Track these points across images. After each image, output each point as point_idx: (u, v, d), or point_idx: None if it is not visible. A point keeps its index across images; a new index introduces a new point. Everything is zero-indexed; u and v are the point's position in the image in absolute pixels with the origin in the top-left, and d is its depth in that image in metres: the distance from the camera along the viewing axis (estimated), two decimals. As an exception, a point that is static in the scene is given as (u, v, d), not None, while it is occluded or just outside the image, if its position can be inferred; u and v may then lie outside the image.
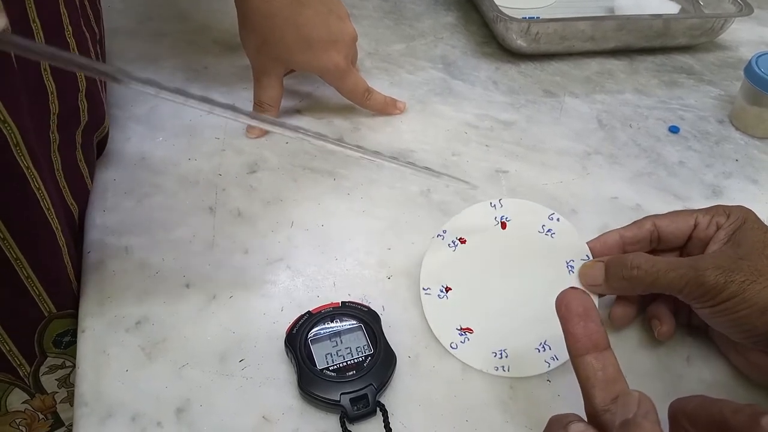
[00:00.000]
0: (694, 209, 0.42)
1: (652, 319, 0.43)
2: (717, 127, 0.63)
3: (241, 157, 0.54)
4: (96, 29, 0.50)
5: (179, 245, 0.47)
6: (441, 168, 0.55)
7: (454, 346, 0.42)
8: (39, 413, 0.50)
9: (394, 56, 0.67)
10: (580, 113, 0.63)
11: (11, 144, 0.34)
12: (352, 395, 0.38)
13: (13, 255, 0.38)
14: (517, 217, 0.45)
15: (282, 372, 0.40)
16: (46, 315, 0.43)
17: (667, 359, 0.43)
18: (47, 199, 0.39)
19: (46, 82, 0.40)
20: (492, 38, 0.71)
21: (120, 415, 0.38)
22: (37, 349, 0.45)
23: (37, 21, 0.38)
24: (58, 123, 0.42)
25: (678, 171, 0.57)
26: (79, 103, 0.45)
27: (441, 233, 0.45)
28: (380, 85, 0.61)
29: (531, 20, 0.66)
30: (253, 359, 0.41)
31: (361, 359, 0.40)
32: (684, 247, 0.43)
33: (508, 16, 0.65)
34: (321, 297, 0.44)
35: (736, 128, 0.63)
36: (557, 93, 0.65)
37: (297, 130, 0.35)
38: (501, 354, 0.42)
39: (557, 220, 0.44)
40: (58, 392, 0.50)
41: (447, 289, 0.44)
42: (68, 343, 0.46)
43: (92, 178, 0.50)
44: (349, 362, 0.40)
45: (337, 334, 0.41)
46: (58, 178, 0.43)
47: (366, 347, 0.41)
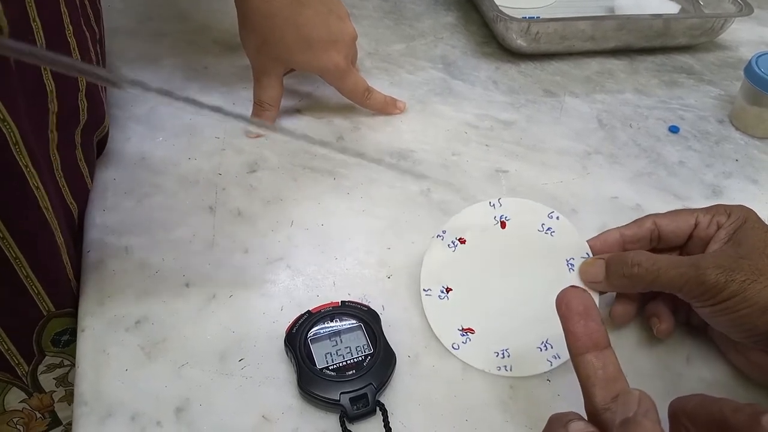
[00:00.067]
0: (695, 208, 0.42)
1: (651, 317, 0.43)
2: (717, 127, 0.63)
3: (241, 157, 0.54)
4: (96, 29, 0.50)
5: (179, 245, 0.47)
6: (441, 168, 0.55)
7: (455, 346, 0.42)
8: (36, 412, 0.50)
9: (394, 56, 0.67)
10: (581, 113, 0.63)
11: (10, 143, 0.34)
12: (352, 395, 0.38)
13: (13, 254, 0.38)
14: (517, 216, 0.45)
15: (282, 371, 0.40)
16: (45, 314, 0.43)
17: (666, 359, 0.43)
18: (46, 198, 0.39)
19: (45, 82, 0.40)
20: (492, 38, 0.71)
21: (119, 414, 0.38)
22: (35, 348, 0.45)
23: (38, 20, 0.38)
24: (57, 122, 0.42)
25: (678, 171, 0.57)
26: (79, 102, 0.45)
27: (440, 233, 0.45)
28: (380, 84, 0.61)
29: (531, 20, 0.66)
30: (252, 358, 0.41)
31: (360, 359, 0.40)
32: (684, 247, 0.43)
33: (508, 16, 0.65)
34: (321, 296, 0.44)
35: (736, 128, 0.63)
36: (557, 93, 0.65)
37: (279, 131, 0.35)
38: (503, 354, 0.42)
39: (557, 218, 0.44)
40: (56, 391, 0.50)
41: (447, 289, 0.44)
42: (66, 341, 0.46)
43: (92, 177, 0.50)
44: (348, 362, 0.40)
45: (337, 333, 0.41)
46: (58, 178, 0.43)
47: (366, 347, 0.40)
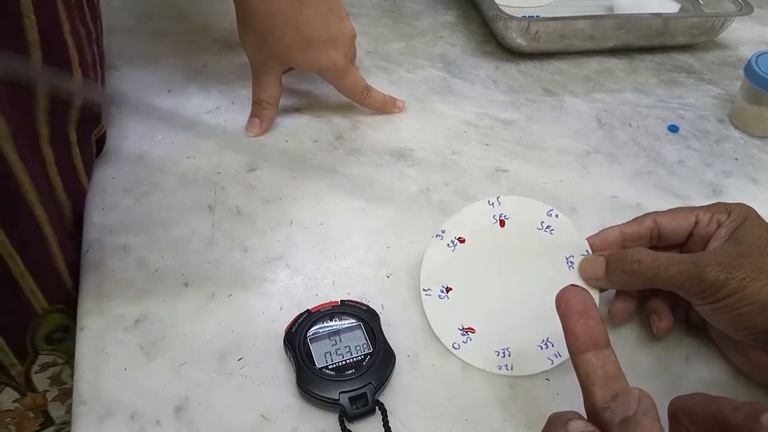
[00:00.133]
0: (695, 206, 0.42)
1: (650, 314, 0.43)
2: (717, 126, 0.63)
3: (241, 156, 0.54)
4: (93, 27, 0.50)
5: (178, 244, 0.47)
6: (440, 167, 0.55)
7: (456, 346, 0.42)
8: (29, 412, 0.50)
9: (394, 55, 0.67)
10: (580, 112, 0.63)
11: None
12: (351, 394, 0.38)
13: (7, 251, 0.38)
14: (516, 215, 0.45)
15: (281, 371, 0.40)
16: (39, 312, 0.43)
17: (666, 358, 0.43)
18: (33, 193, 0.38)
19: None
20: (492, 37, 0.71)
21: (119, 413, 0.38)
22: (29, 347, 0.45)
23: (33, 17, 0.37)
24: (48, 118, 0.42)
25: (677, 170, 0.57)
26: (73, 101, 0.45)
27: (440, 233, 0.45)
28: (379, 83, 0.61)
29: (531, 19, 0.66)
30: (252, 358, 0.41)
31: (360, 358, 0.40)
32: (684, 245, 0.43)
33: (507, 15, 0.65)
34: (320, 296, 0.44)
35: (736, 127, 0.63)
36: (557, 92, 0.65)
37: None
38: (503, 353, 0.41)
39: (556, 216, 0.44)
40: (49, 390, 0.49)
41: (447, 289, 0.44)
42: (60, 339, 0.46)
43: (90, 175, 0.50)
44: (348, 361, 0.40)
45: (336, 332, 0.41)
46: (51, 174, 0.43)
47: (365, 346, 0.40)
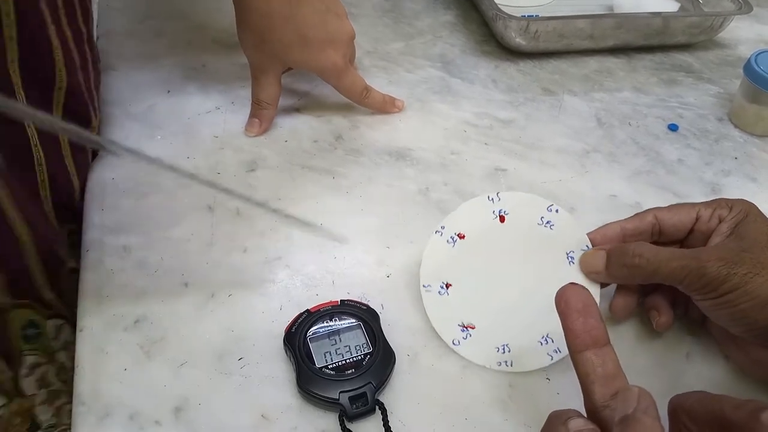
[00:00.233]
0: (696, 202, 0.42)
1: (650, 310, 0.43)
2: (716, 125, 0.63)
3: (240, 156, 0.54)
4: (84, 29, 0.50)
5: (178, 244, 0.47)
6: (440, 167, 0.55)
7: (456, 342, 0.42)
8: (16, 417, 0.49)
9: (393, 55, 0.67)
10: (579, 111, 0.63)
11: None
12: (351, 394, 0.38)
13: None
14: (516, 210, 0.45)
15: (281, 370, 0.40)
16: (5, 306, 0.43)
17: (666, 356, 0.43)
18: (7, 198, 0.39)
19: (11, 75, 0.40)
20: (491, 36, 0.71)
21: (118, 413, 0.38)
22: (10, 347, 0.45)
23: (12, 16, 0.37)
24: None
25: (677, 169, 0.57)
26: (54, 99, 0.45)
27: (439, 229, 0.45)
28: (379, 83, 0.61)
29: (530, 18, 0.66)
30: (251, 358, 0.41)
31: (360, 358, 0.40)
32: (685, 240, 0.42)
33: (507, 15, 0.65)
34: (320, 295, 0.44)
35: (735, 126, 0.63)
36: (556, 91, 0.65)
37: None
38: (503, 349, 0.41)
39: (556, 211, 0.44)
40: (37, 394, 0.49)
41: (447, 285, 0.44)
42: (35, 336, 0.46)
43: (81, 176, 0.50)
44: (348, 361, 0.40)
45: (336, 332, 0.41)
46: (39, 173, 0.44)
47: (365, 345, 0.40)
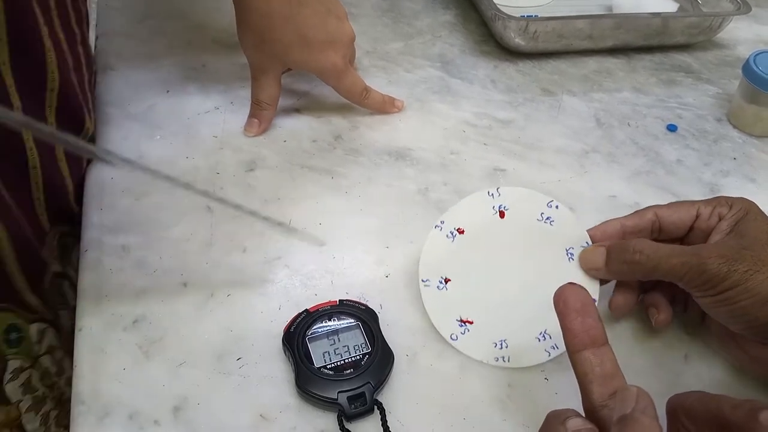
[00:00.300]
0: (696, 200, 0.42)
1: (649, 307, 0.43)
2: (715, 125, 0.63)
3: (239, 156, 0.54)
4: (78, 31, 0.50)
5: (177, 244, 0.47)
6: (439, 167, 0.55)
7: (454, 337, 0.42)
8: (5, 429, 0.49)
9: (392, 55, 0.67)
10: (578, 112, 0.63)
11: None
12: (350, 393, 0.38)
13: None
14: (516, 206, 0.45)
15: (279, 370, 0.40)
16: None
17: (664, 356, 0.43)
18: None
19: (5, 76, 0.40)
20: (490, 37, 0.71)
21: (117, 413, 0.38)
22: None
23: (1, 16, 0.37)
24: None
25: (676, 169, 0.57)
26: (46, 101, 0.45)
27: (439, 224, 0.44)
28: (378, 83, 0.61)
29: (529, 18, 0.66)
30: (250, 358, 0.41)
31: (358, 357, 0.40)
32: (685, 238, 0.42)
33: (506, 15, 0.65)
34: (319, 295, 0.44)
35: (734, 126, 0.63)
36: (555, 91, 0.65)
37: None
38: (501, 344, 0.41)
39: (556, 207, 0.44)
40: (23, 400, 0.49)
41: (446, 280, 0.44)
42: (17, 340, 0.46)
43: (75, 178, 0.50)
44: (346, 360, 0.40)
45: (335, 332, 0.41)
46: (33, 175, 0.44)
47: (364, 345, 0.40)
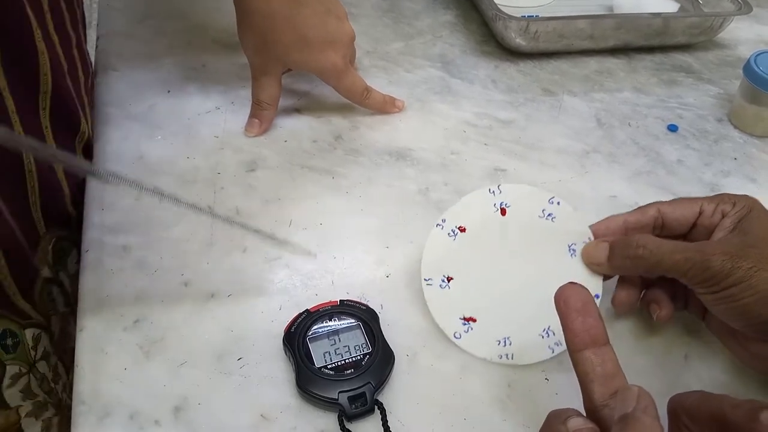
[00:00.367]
0: (699, 197, 0.42)
1: (650, 303, 0.43)
2: (716, 125, 0.63)
3: (240, 156, 0.54)
4: (73, 34, 0.50)
5: (177, 244, 0.47)
6: (439, 167, 0.55)
7: (457, 336, 0.42)
8: None
9: (393, 55, 0.67)
10: (579, 112, 0.63)
11: None
12: (350, 394, 0.38)
13: None
14: (517, 203, 0.45)
15: (280, 370, 0.40)
16: None
17: (665, 356, 0.43)
18: None
19: None
20: (491, 37, 0.71)
21: (118, 413, 0.38)
22: None
23: None
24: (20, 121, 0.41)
25: (677, 169, 0.57)
26: (39, 104, 0.45)
27: (440, 222, 0.44)
28: (378, 83, 0.61)
29: (530, 19, 0.66)
30: (251, 358, 0.41)
31: (359, 358, 0.40)
32: (688, 234, 0.42)
33: (507, 15, 0.65)
34: (319, 295, 0.44)
35: (735, 127, 0.63)
36: (556, 91, 0.65)
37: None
38: (504, 342, 0.41)
39: (557, 203, 0.44)
40: (22, 405, 0.48)
41: (448, 278, 0.43)
42: (13, 345, 0.46)
43: (71, 182, 0.50)
44: (347, 361, 0.40)
45: (336, 332, 0.41)
46: (29, 179, 0.44)
47: (364, 345, 0.40)
